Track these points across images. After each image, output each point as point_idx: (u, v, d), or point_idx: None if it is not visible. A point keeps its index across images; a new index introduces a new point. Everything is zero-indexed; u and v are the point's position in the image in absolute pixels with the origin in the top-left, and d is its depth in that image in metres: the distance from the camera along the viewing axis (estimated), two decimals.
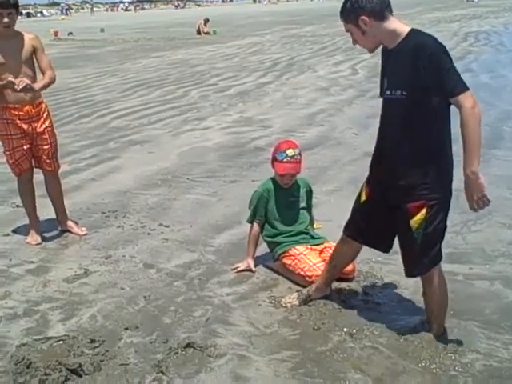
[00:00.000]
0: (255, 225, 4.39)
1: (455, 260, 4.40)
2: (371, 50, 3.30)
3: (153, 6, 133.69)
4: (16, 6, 4.65)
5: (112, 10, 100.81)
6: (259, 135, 8.74)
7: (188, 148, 8.13)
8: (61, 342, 3.43)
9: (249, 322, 3.70)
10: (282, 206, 4.37)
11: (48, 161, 5.02)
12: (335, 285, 4.08)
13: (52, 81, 4.81)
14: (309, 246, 4.27)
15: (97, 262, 4.63)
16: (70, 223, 5.26)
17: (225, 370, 3.21)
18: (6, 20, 4.59)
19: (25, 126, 4.82)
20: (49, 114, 4.97)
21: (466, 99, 2.89)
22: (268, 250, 4.48)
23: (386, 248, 3.56)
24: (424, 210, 3.11)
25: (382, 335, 3.47)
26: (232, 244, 4.90)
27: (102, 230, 5.30)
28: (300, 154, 4.31)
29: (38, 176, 5.19)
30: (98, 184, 6.68)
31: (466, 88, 2.91)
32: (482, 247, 4.69)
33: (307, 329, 3.59)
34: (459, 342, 3.37)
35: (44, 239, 5.09)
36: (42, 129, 4.89)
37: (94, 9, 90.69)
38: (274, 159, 4.32)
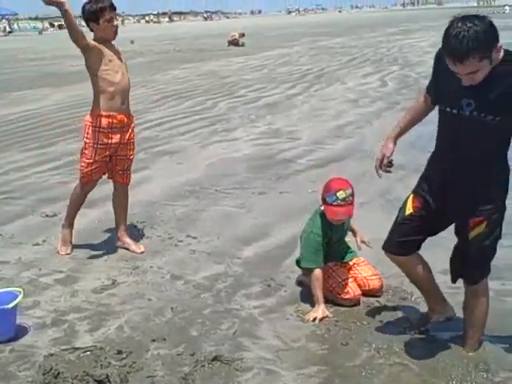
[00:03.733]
0: (319, 270, 3.94)
1: None
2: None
3: (182, 17, 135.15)
4: None
5: (147, 22, 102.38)
6: (288, 147, 8.71)
7: (216, 159, 8.14)
8: (88, 352, 3.45)
9: (276, 335, 3.67)
10: (332, 242, 4.11)
11: (121, 172, 4.96)
12: (363, 300, 4.04)
13: None
14: (338, 263, 4.21)
15: (124, 272, 4.64)
16: (128, 240, 5.08)
17: None
18: (116, 23, 4.62)
19: (114, 137, 4.77)
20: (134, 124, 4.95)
21: None
22: (295, 263, 4.43)
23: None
24: (484, 224, 3.10)
25: (411, 352, 3.41)
26: (259, 256, 4.89)
27: None
28: (352, 195, 3.93)
29: None
30: None
31: None
32: None
33: (335, 344, 3.54)
34: (491, 360, 3.30)
35: (73, 249, 5.11)
36: (127, 140, 4.87)
37: (125, 21, 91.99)
38: (324, 201, 3.94)
